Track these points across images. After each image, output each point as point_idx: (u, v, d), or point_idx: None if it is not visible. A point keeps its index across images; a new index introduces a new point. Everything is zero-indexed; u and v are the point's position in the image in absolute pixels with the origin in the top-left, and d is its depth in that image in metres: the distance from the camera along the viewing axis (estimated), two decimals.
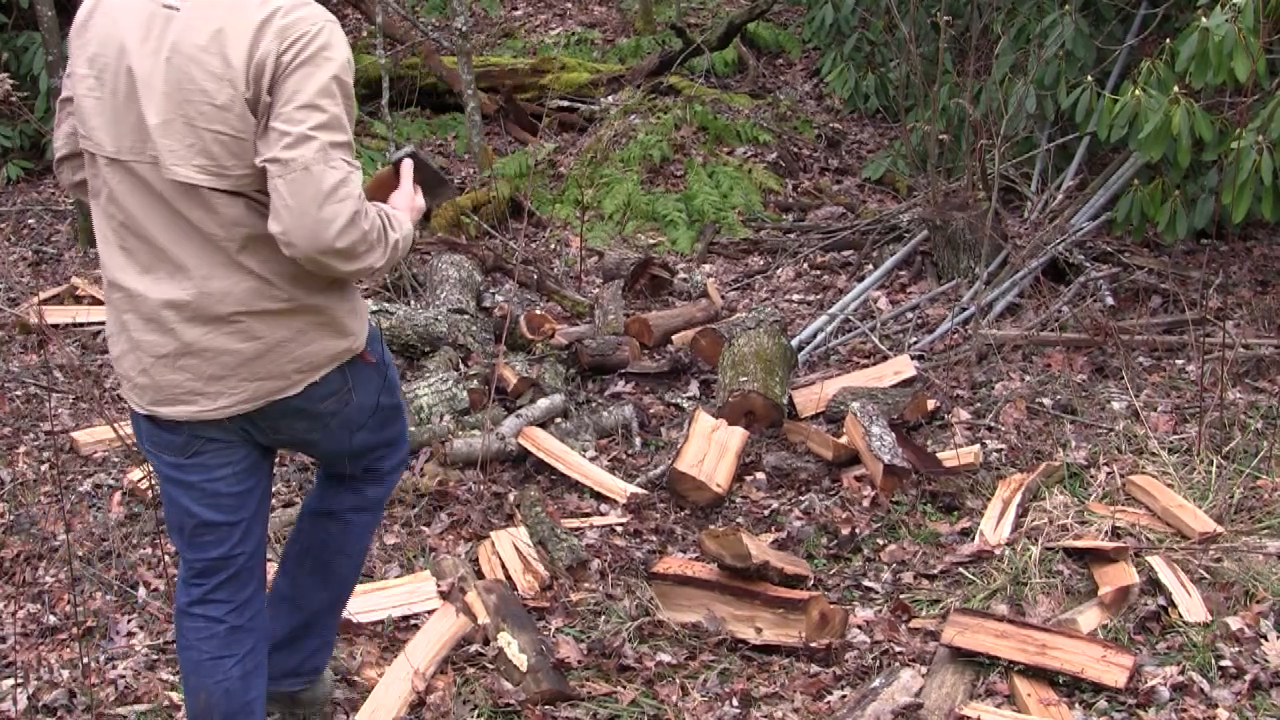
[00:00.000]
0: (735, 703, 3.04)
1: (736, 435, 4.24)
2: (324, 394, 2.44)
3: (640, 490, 4.09)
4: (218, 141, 2.20)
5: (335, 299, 2.40)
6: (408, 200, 2.50)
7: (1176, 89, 4.80)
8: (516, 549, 3.66)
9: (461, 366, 4.80)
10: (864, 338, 5.33)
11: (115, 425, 4.03)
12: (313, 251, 2.18)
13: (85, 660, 3.21)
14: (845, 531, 3.84)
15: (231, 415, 2.38)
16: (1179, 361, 4.76)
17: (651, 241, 6.78)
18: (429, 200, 2.66)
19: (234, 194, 2.24)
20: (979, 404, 4.58)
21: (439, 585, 3.49)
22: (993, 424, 4.39)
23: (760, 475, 4.24)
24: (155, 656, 3.30)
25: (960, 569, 3.57)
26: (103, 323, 5.74)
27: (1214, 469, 3.81)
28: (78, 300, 5.97)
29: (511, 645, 3.14)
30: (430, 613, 3.37)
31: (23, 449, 4.53)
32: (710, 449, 4.13)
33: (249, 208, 2.25)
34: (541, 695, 3.02)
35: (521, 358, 4.91)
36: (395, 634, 3.37)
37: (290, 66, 2.16)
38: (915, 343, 5.19)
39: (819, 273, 6.21)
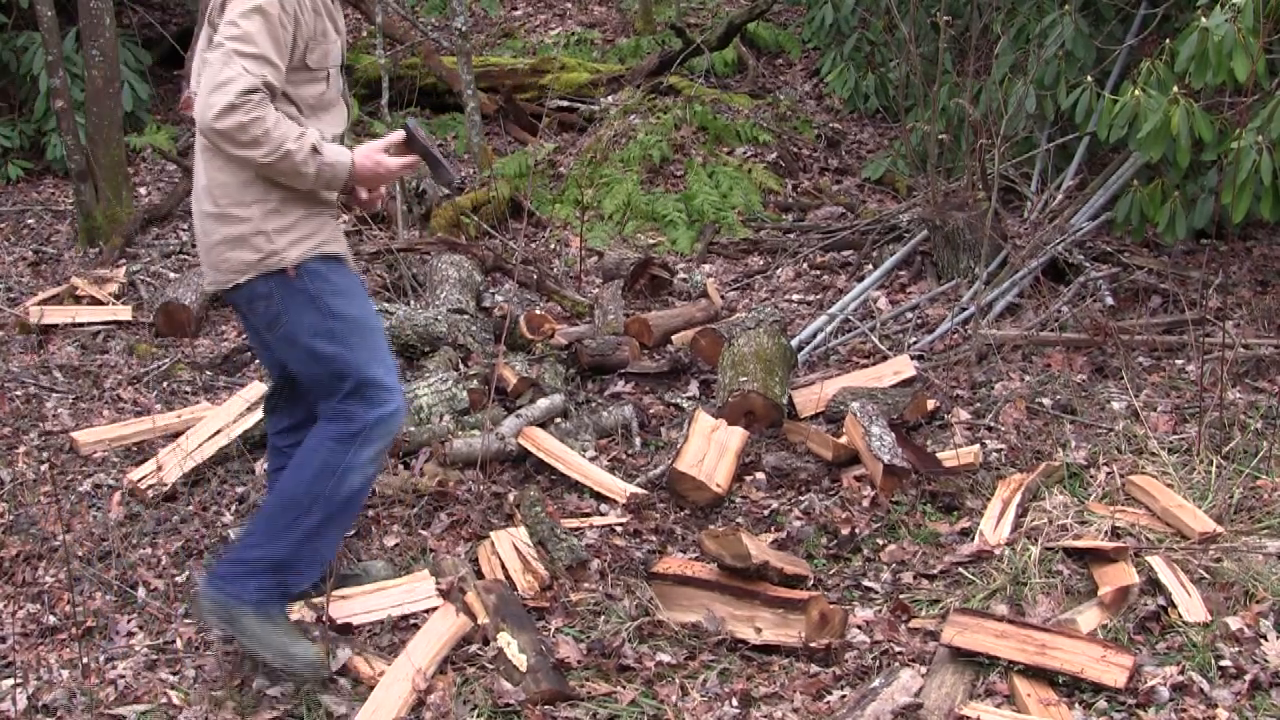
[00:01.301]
0: (735, 703, 3.04)
1: (736, 435, 4.24)
2: (250, 297, 3.03)
3: (640, 490, 4.09)
4: (205, 62, 2.90)
5: (260, 216, 2.96)
6: (367, 149, 3.02)
7: (1176, 89, 4.80)
8: (516, 549, 3.66)
9: (461, 366, 4.80)
10: (864, 338, 5.33)
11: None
12: (201, 126, 2.84)
13: (85, 660, 3.21)
14: (845, 531, 3.84)
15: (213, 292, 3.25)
16: (1179, 361, 4.77)
17: (651, 241, 6.78)
18: (434, 177, 3.10)
19: None
20: (979, 404, 4.58)
21: (438, 585, 3.49)
22: (992, 424, 4.39)
23: (760, 475, 4.23)
24: (155, 656, 3.30)
25: (960, 569, 3.57)
26: (102, 323, 5.76)
27: (1214, 469, 3.81)
28: (77, 300, 5.97)
29: (511, 645, 3.14)
30: (430, 612, 3.36)
31: (22, 449, 4.53)
32: (710, 449, 4.13)
33: None
34: (541, 695, 3.02)
35: (521, 358, 4.91)
36: (395, 634, 3.37)
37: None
38: (915, 343, 5.19)
39: (819, 273, 6.21)
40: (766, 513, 4.03)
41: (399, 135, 3.04)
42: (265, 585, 3.01)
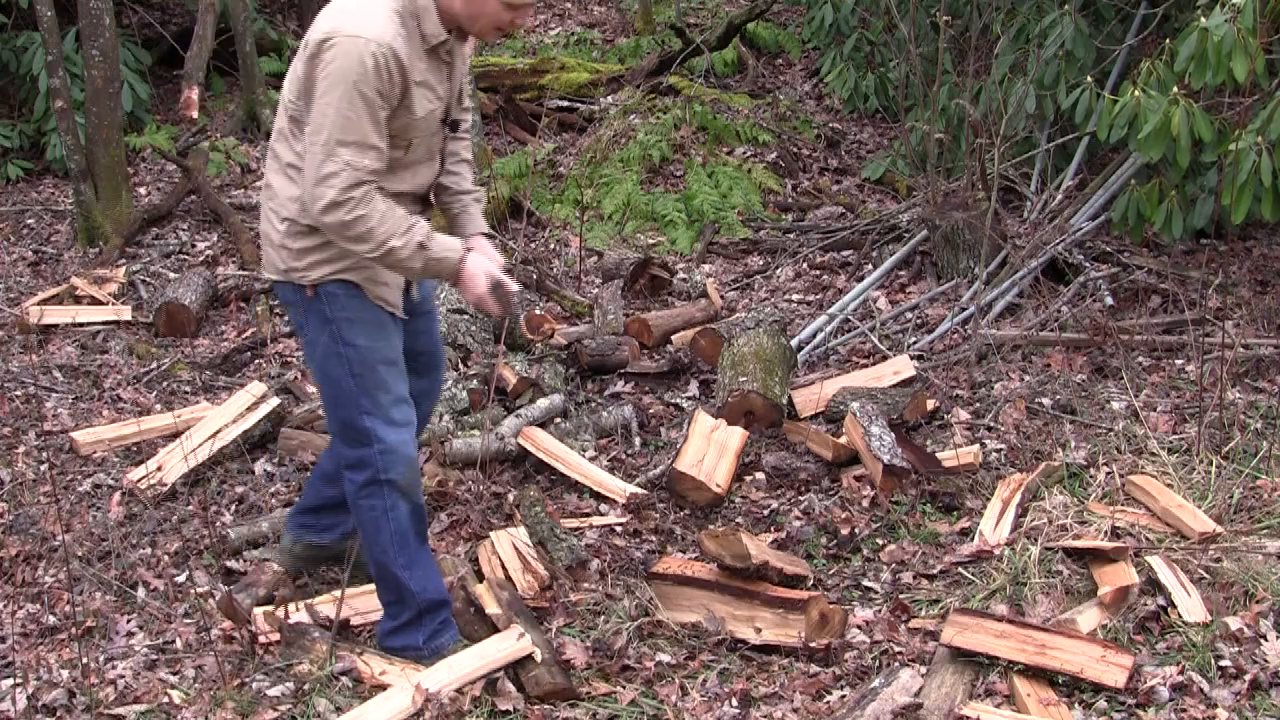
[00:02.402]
0: (735, 703, 3.04)
1: (736, 435, 4.24)
2: (283, 298, 3.13)
3: (640, 490, 4.09)
4: (280, 136, 3.07)
5: (287, 233, 3.01)
6: (485, 265, 3.00)
7: (1176, 89, 4.80)
8: (516, 549, 3.66)
9: (461, 366, 4.80)
10: (863, 338, 5.33)
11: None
12: (310, 215, 2.90)
13: (85, 660, 3.21)
14: (845, 531, 3.84)
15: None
16: (1179, 361, 4.77)
17: (651, 241, 6.78)
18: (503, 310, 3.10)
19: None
20: (979, 404, 4.58)
21: None
22: (992, 424, 4.39)
23: (760, 475, 4.23)
24: (155, 656, 3.30)
25: (960, 569, 3.57)
26: (102, 323, 5.75)
27: (1214, 469, 3.81)
28: (77, 300, 5.97)
29: (525, 638, 3.16)
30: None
31: (22, 449, 4.53)
32: (710, 449, 4.13)
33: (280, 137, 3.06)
34: (553, 688, 3.03)
35: (521, 358, 4.91)
36: None
37: None
38: (915, 343, 5.19)
39: (819, 273, 6.21)
40: (766, 513, 4.03)
41: (498, 275, 3.04)
42: (424, 627, 3.18)
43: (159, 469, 4.19)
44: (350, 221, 2.81)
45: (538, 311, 5.16)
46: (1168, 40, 5.04)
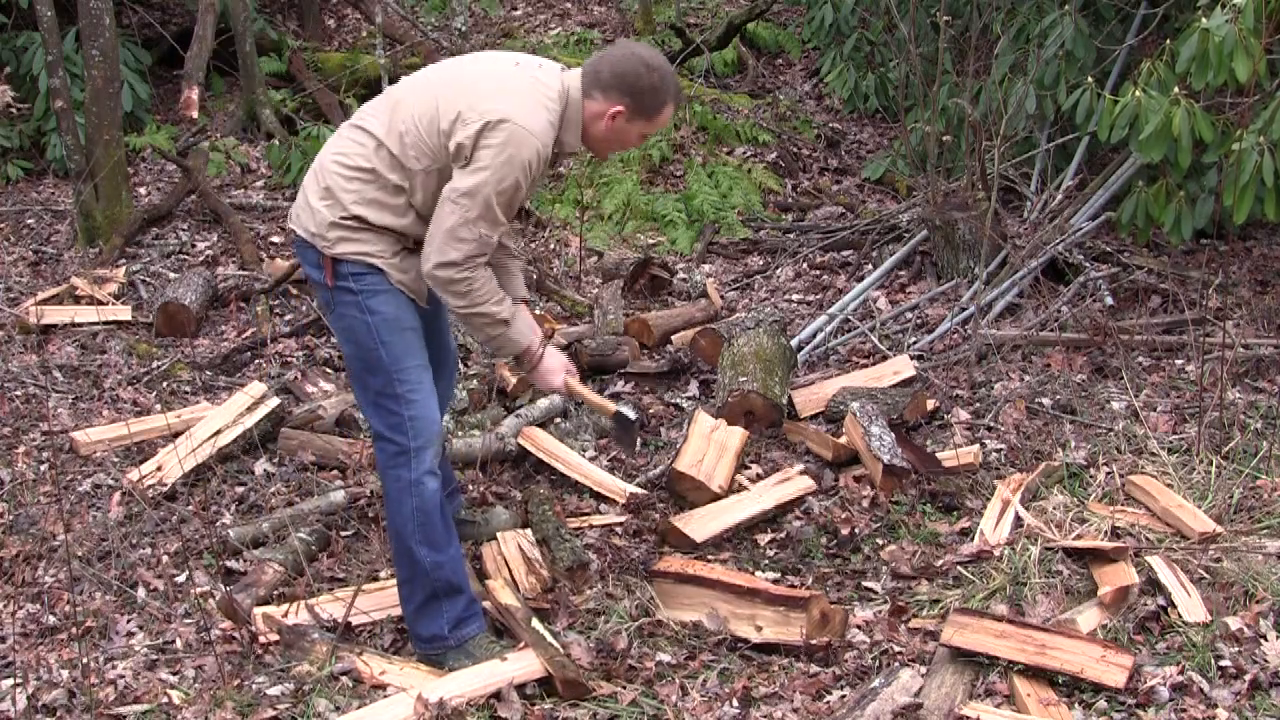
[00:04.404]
0: (735, 703, 3.04)
1: (736, 435, 4.23)
2: (305, 261, 3.22)
3: (640, 490, 4.09)
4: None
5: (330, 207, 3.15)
6: (561, 361, 3.39)
7: (1177, 90, 4.80)
8: (521, 550, 3.66)
9: (461, 366, 4.80)
10: (863, 338, 5.33)
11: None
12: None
13: (85, 660, 3.21)
14: (845, 531, 3.83)
15: None
16: (1179, 361, 4.77)
17: (651, 241, 6.77)
18: (616, 440, 3.80)
19: None
20: (979, 404, 4.58)
21: None
22: (992, 424, 4.39)
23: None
24: (155, 656, 3.30)
25: (960, 569, 3.57)
26: (101, 323, 5.75)
27: (1214, 469, 3.81)
28: (77, 300, 5.96)
29: (544, 630, 3.19)
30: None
31: (22, 449, 4.53)
32: (710, 449, 4.13)
33: None
34: (569, 679, 3.03)
35: None
36: (397, 632, 3.37)
37: None
38: (915, 343, 5.19)
39: (819, 273, 6.21)
40: None
41: (611, 407, 3.43)
42: (445, 614, 3.18)
43: (159, 469, 4.19)
44: (458, 280, 3.07)
45: (537, 311, 5.16)
46: (1168, 40, 5.03)
